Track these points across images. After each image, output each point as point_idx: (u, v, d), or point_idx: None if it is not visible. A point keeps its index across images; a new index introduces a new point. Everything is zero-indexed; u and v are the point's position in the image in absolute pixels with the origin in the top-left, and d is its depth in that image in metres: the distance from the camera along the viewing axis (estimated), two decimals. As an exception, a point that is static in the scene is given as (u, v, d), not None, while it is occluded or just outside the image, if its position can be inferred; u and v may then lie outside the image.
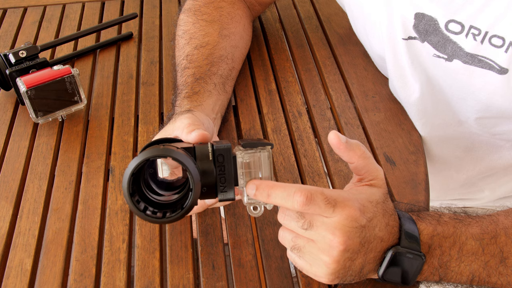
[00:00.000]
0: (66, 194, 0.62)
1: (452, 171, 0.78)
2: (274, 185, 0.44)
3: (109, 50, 0.83)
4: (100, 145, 0.67)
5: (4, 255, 0.56)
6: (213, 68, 0.66)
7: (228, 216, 0.58)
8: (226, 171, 0.44)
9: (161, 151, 0.41)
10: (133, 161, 0.41)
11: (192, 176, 0.41)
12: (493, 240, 0.49)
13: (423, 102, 0.67)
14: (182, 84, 0.64)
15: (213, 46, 0.68)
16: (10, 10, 0.92)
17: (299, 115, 0.71)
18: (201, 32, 0.69)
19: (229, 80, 0.68)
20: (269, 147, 0.45)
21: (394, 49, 0.65)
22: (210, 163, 0.44)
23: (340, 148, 0.48)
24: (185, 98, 0.61)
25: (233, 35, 0.72)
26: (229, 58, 0.69)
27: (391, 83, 0.71)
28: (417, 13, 0.60)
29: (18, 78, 0.66)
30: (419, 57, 0.63)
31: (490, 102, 0.59)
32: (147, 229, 0.58)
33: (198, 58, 0.66)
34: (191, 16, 0.71)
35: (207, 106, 0.61)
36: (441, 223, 0.49)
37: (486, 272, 0.49)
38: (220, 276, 0.53)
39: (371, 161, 0.49)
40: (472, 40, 0.57)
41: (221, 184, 0.44)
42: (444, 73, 0.62)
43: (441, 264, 0.48)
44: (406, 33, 0.62)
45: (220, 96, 0.65)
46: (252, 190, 0.45)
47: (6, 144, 0.68)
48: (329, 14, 0.87)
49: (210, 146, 0.44)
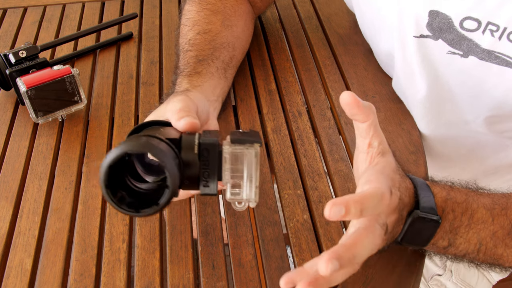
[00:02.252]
0: (66, 194, 0.62)
1: (457, 169, 0.78)
2: (363, 199, 0.40)
3: (109, 50, 0.83)
4: (100, 145, 0.67)
5: (4, 255, 0.56)
6: (216, 53, 0.66)
7: (228, 216, 0.58)
8: (210, 166, 0.43)
9: (141, 145, 0.39)
10: (112, 152, 0.39)
11: (170, 175, 0.39)
12: (503, 212, 0.49)
13: (429, 101, 0.67)
14: (183, 65, 0.64)
15: (215, 34, 0.68)
16: (10, 10, 0.92)
17: (299, 115, 0.71)
18: (205, 20, 0.70)
19: (230, 67, 0.69)
20: (257, 145, 0.44)
21: (404, 46, 0.64)
22: (194, 155, 0.43)
23: (359, 105, 0.44)
24: (186, 76, 0.61)
25: (235, 27, 0.72)
26: (231, 46, 0.69)
27: (396, 81, 0.71)
28: (432, 10, 0.59)
29: (18, 78, 0.66)
30: (430, 55, 0.63)
31: (505, 99, 0.59)
32: (147, 229, 0.58)
33: (201, 42, 0.67)
34: (195, 6, 0.72)
35: (207, 88, 0.61)
36: (454, 189, 0.50)
37: (493, 242, 0.49)
38: (220, 276, 0.53)
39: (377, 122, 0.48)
40: (489, 37, 0.56)
41: (203, 178, 0.43)
42: (457, 70, 0.61)
43: (451, 229, 0.49)
44: (418, 31, 0.62)
45: (220, 81, 0.65)
46: None
47: (6, 144, 0.68)
48: (329, 14, 0.87)
49: (197, 138, 0.43)
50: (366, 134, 0.47)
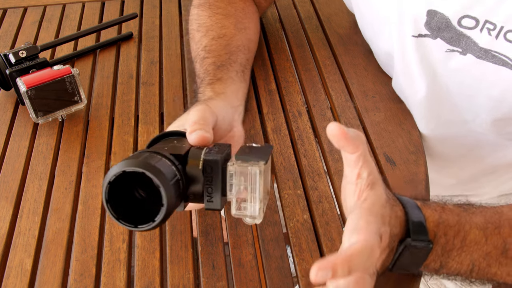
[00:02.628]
0: (66, 194, 0.62)
1: (455, 169, 0.78)
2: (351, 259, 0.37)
3: (109, 50, 0.83)
4: (100, 145, 0.67)
5: (4, 255, 0.56)
6: (233, 57, 0.66)
7: (228, 216, 0.58)
8: (213, 182, 0.44)
9: (138, 164, 0.40)
10: (113, 169, 0.40)
11: (165, 194, 0.40)
12: (496, 231, 0.49)
13: (428, 100, 0.67)
14: (203, 73, 0.64)
15: (230, 38, 0.69)
16: (10, 10, 0.92)
17: (299, 115, 0.71)
18: (218, 25, 0.70)
19: (247, 69, 0.69)
20: (262, 162, 0.43)
21: (403, 46, 0.64)
22: (198, 171, 0.44)
23: (347, 137, 0.42)
24: (208, 85, 0.61)
25: (248, 29, 0.73)
26: (246, 48, 0.70)
27: (396, 81, 0.71)
28: (430, 10, 0.59)
29: (18, 78, 0.66)
30: (428, 54, 0.63)
31: (502, 99, 0.59)
32: (147, 229, 0.58)
33: (217, 48, 0.67)
34: (206, 10, 0.72)
35: (231, 94, 0.61)
36: (446, 211, 0.49)
37: (487, 262, 0.48)
38: (220, 276, 0.53)
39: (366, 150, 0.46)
40: (486, 35, 0.56)
41: (207, 193, 0.44)
42: (455, 69, 0.61)
43: (443, 252, 0.48)
44: (416, 31, 0.62)
45: (242, 84, 0.65)
46: None
47: (6, 144, 0.68)
48: (329, 14, 0.87)
49: (203, 153, 0.44)
50: (355, 164, 0.45)
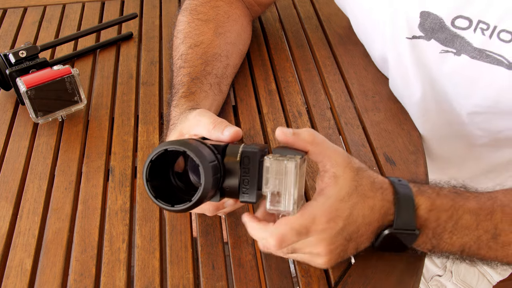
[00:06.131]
0: (66, 194, 0.62)
1: (454, 170, 0.78)
2: (252, 226, 0.46)
3: (109, 50, 0.83)
4: (100, 145, 0.67)
5: (4, 255, 0.56)
6: (208, 68, 0.66)
7: (228, 216, 0.58)
8: (250, 173, 0.44)
9: (180, 144, 0.42)
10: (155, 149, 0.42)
11: (204, 172, 0.41)
12: (488, 216, 0.49)
13: (425, 102, 0.67)
14: (178, 84, 0.64)
15: (207, 45, 0.68)
16: (10, 10, 0.92)
17: (299, 115, 0.71)
18: (196, 31, 0.69)
19: (224, 79, 0.68)
20: (298, 156, 0.44)
21: (397, 48, 0.65)
22: (236, 163, 0.44)
23: (289, 141, 0.45)
24: (181, 97, 0.61)
25: (229, 33, 0.72)
26: (223, 55, 0.69)
27: (392, 83, 0.71)
28: (423, 11, 0.59)
29: (18, 78, 0.66)
30: (423, 56, 0.63)
31: (498, 98, 0.59)
32: (147, 229, 0.58)
33: (193, 57, 0.66)
34: (186, 16, 0.72)
35: (203, 108, 0.61)
36: (440, 196, 0.50)
37: (477, 245, 0.50)
38: (220, 276, 0.53)
39: (326, 145, 0.47)
40: (480, 35, 0.56)
41: (244, 185, 0.44)
42: (450, 69, 0.61)
43: (434, 234, 0.49)
44: (410, 32, 0.62)
45: (216, 97, 0.65)
46: None
47: (6, 144, 0.68)
48: (329, 14, 0.87)
49: (242, 146, 0.45)
50: (315, 160, 0.47)
